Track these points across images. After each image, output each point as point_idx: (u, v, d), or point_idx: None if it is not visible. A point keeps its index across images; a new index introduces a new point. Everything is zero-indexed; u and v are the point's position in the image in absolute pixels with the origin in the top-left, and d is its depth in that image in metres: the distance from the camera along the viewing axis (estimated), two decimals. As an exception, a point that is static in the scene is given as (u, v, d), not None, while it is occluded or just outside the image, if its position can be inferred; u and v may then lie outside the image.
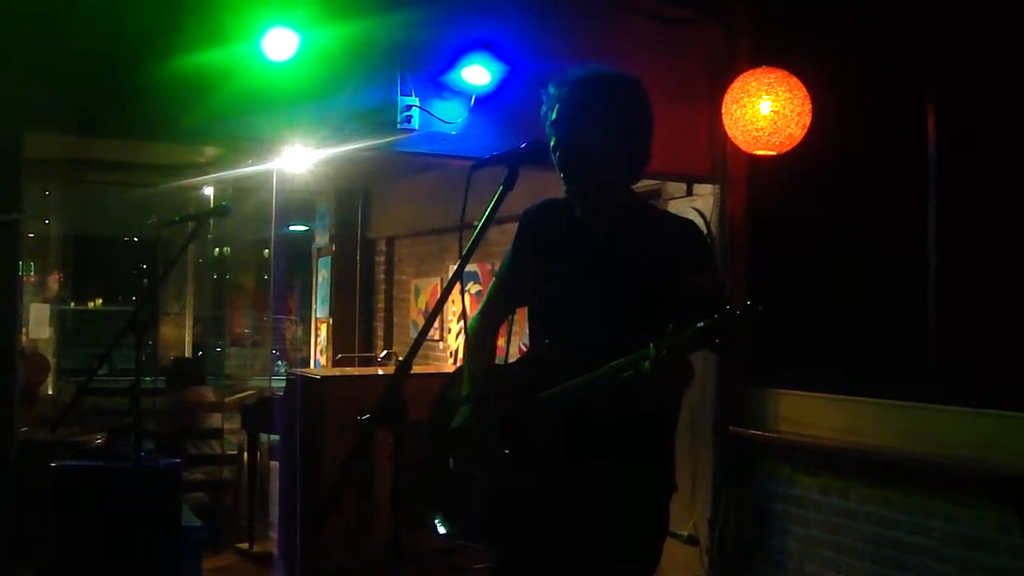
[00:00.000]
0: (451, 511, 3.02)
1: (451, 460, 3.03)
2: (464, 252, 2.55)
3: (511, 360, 3.23)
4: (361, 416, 2.29)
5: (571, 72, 2.92)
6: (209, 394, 8.60)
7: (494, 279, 3.24)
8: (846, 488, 5.16)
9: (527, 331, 3.12)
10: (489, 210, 2.58)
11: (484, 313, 3.20)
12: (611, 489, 2.82)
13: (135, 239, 13.76)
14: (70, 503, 4.57)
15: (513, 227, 3.13)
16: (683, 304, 2.64)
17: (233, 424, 8.45)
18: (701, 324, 2.46)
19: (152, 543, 4.58)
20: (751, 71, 5.13)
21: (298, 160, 7.16)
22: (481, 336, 3.15)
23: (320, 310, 10.94)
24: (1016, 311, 4.48)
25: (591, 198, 2.94)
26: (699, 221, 5.68)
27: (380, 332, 10.49)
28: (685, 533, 5.76)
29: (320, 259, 11.01)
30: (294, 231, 11.63)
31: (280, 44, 4.66)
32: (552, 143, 2.88)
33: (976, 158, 4.71)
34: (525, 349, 3.15)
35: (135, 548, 4.52)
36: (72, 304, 11.69)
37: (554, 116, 2.89)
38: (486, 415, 2.92)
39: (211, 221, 8.38)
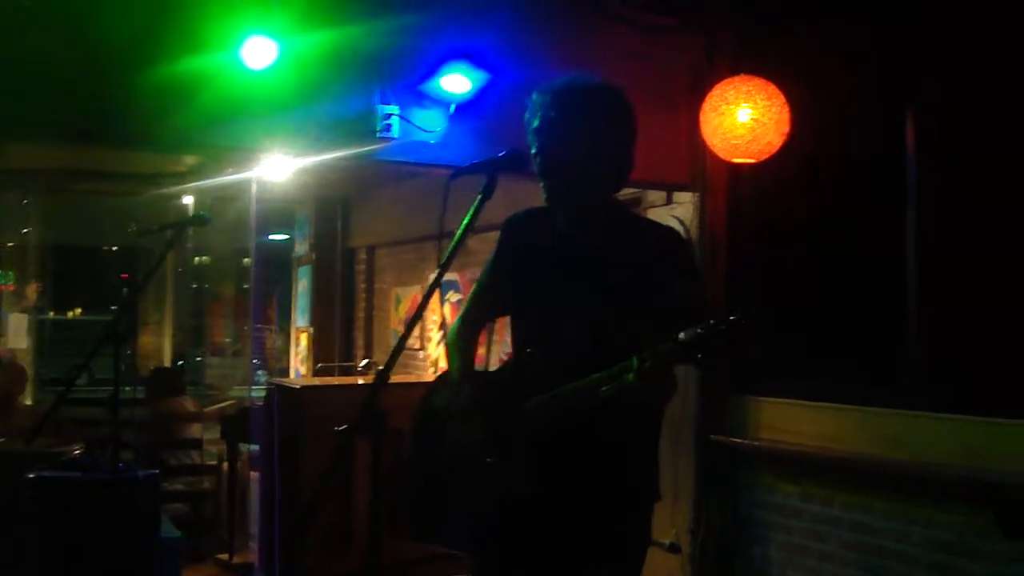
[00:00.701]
0: (433, 519, 3.01)
1: (433, 468, 3.02)
2: (443, 261, 2.55)
3: (492, 370, 3.22)
4: (339, 427, 2.28)
5: (556, 80, 2.92)
6: (188, 404, 8.56)
7: (475, 285, 3.24)
8: (828, 496, 5.16)
9: (508, 340, 3.11)
10: (467, 219, 2.57)
11: (464, 318, 3.21)
12: (595, 497, 2.82)
13: (114, 248, 13.72)
14: (47, 514, 4.54)
15: (494, 236, 3.12)
16: (665, 314, 2.64)
17: (213, 434, 8.42)
18: (685, 338, 2.45)
19: (131, 554, 4.55)
20: (729, 79, 5.13)
21: (277, 169, 7.15)
22: (461, 341, 3.16)
23: (300, 319, 10.91)
24: (996, 317, 4.49)
25: (572, 207, 2.93)
26: (679, 229, 5.68)
27: (360, 341, 10.46)
28: (667, 541, 5.75)
29: (300, 268, 10.98)
30: (274, 240, 11.60)
31: (259, 52, 4.64)
32: (533, 150, 2.88)
33: (955, 164, 4.72)
34: (506, 359, 3.14)
35: (113, 559, 4.49)
36: (51, 313, 11.62)
37: (536, 123, 2.89)
38: (469, 421, 2.92)
39: (190, 230, 8.37)
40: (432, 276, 2.58)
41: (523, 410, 2.80)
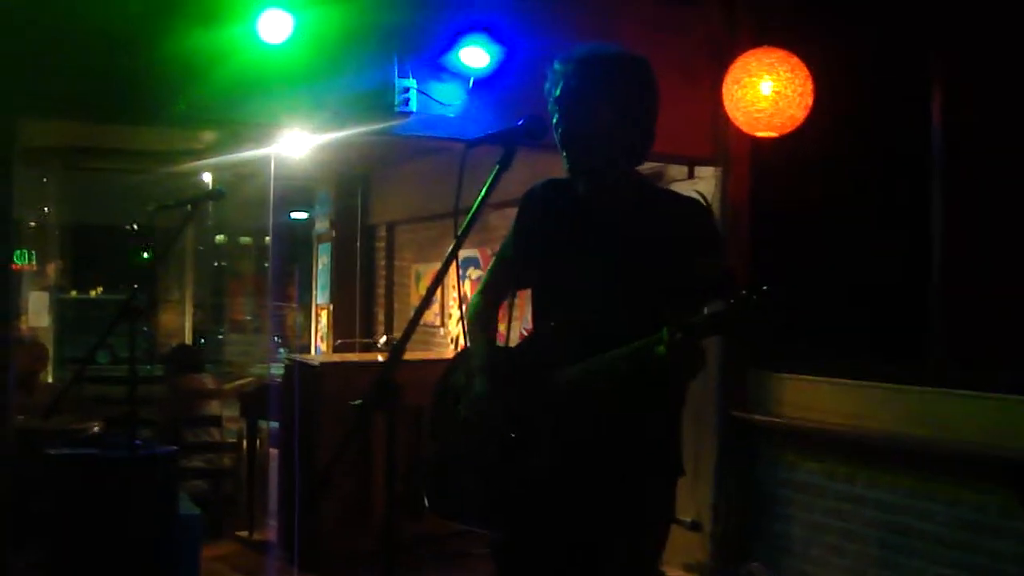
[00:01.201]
0: (455, 495, 2.98)
1: (454, 443, 2.99)
2: (460, 232, 2.51)
3: (512, 345, 3.18)
4: (354, 402, 2.25)
5: (577, 49, 2.88)
6: (208, 381, 8.55)
7: (494, 258, 3.19)
8: (851, 473, 5.12)
9: (528, 316, 3.08)
10: (485, 190, 2.53)
11: (484, 293, 3.16)
12: (619, 472, 2.79)
13: (134, 226, 13.74)
14: (67, 491, 4.53)
15: (514, 212, 3.08)
16: (689, 285, 2.60)
17: (232, 411, 8.42)
18: (715, 310, 2.42)
19: (150, 531, 4.54)
20: (752, 51, 5.07)
21: (296, 145, 7.12)
22: (481, 315, 3.11)
23: (320, 296, 10.94)
24: (1021, 295, 4.44)
25: (593, 177, 2.89)
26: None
27: (380, 318, 10.47)
28: (689, 519, 5.73)
29: (320, 245, 11.00)
30: (294, 218, 11.62)
31: (275, 26, 4.61)
32: (555, 120, 2.84)
33: (981, 138, 4.66)
34: (527, 334, 3.10)
35: (133, 536, 4.48)
36: (73, 292, 11.65)
37: (558, 92, 2.85)
38: (493, 396, 2.88)
39: (209, 207, 8.36)
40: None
41: (547, 384, 2.77)
